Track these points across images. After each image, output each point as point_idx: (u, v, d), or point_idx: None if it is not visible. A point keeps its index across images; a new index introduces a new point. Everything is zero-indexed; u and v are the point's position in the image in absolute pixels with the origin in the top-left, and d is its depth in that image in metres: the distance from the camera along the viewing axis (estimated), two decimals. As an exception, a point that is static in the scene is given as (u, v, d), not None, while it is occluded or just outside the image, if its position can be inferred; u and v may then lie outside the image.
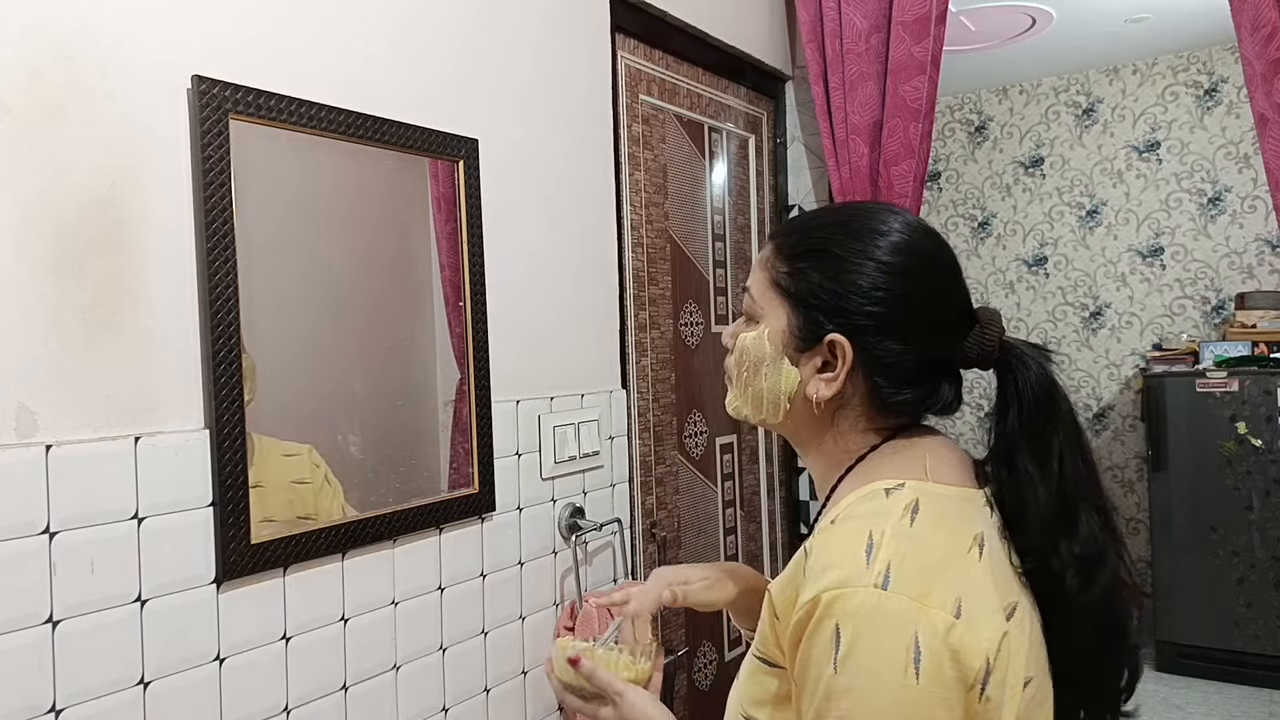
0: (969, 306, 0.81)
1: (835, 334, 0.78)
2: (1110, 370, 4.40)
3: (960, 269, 0.83)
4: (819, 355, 0.80)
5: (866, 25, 2.38)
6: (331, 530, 1.29)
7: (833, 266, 0.79)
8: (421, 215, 1.48)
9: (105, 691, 1.05)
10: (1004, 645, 0.68)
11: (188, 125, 1.15)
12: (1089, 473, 0.77)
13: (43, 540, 1.00)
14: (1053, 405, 0.77)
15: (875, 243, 0.79)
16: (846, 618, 0.66)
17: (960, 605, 0.67)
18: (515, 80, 1.67)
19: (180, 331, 1.14)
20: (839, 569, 0.68)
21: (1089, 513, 0.76)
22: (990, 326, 0.79)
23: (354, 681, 1.34)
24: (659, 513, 2.11)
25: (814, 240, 0.82)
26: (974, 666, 0.65)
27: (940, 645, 0.65)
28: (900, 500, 0.73)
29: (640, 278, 2.06)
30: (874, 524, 0.71)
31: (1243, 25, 1.86)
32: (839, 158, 2.46)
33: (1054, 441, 0.76)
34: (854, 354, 0.78)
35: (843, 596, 0.67)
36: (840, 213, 0.86)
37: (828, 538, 0.73)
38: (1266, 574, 3.47)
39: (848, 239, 0.80)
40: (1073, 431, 0.77)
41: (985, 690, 0.66)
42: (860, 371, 0.79)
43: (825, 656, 0.66)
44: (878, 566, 0.67)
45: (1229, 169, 4.11)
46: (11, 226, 1.00)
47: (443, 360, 1.50)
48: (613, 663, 0.96)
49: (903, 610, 0.66)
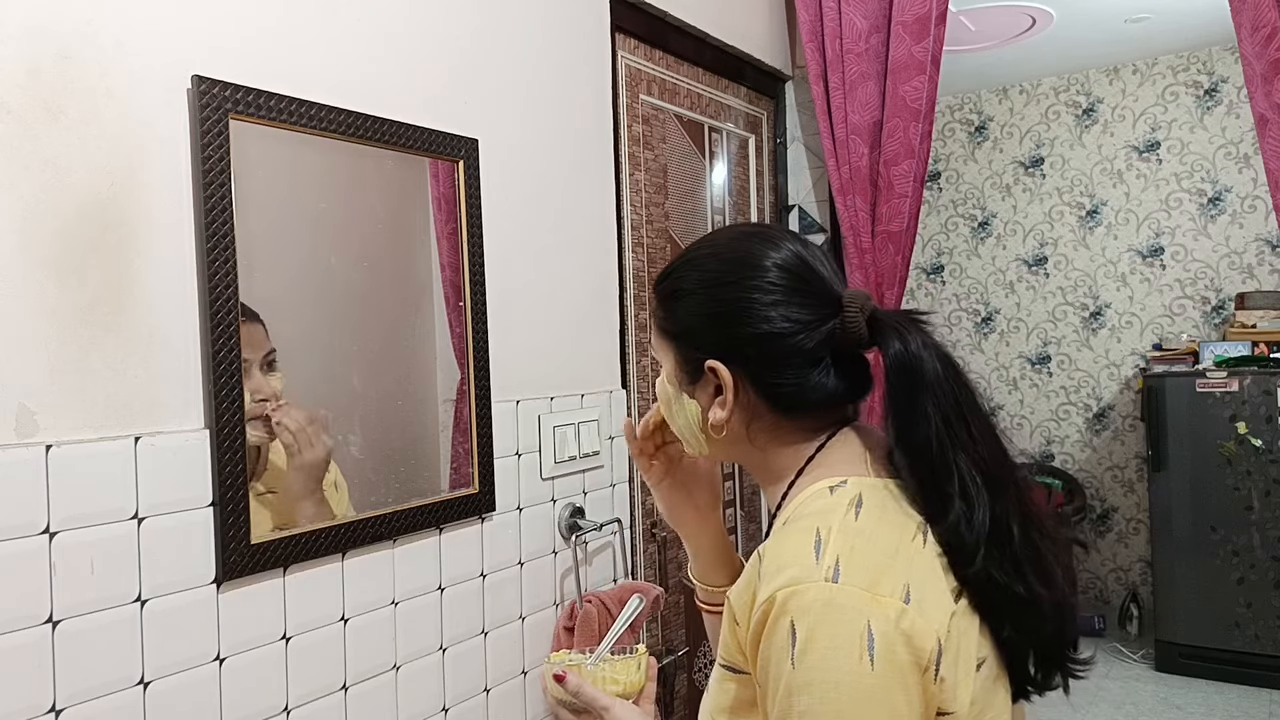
0: (832, 293, 0.81)
1: (711, 360, 0.81)
2: (1110, 370, 4.40)
3: (812, 261, 0.82)
4: (708, 383, 0.82)
5: (866, 25, 2.38)
6: (331, 530, 1.29)
7: (687, 300, 0.84)
8: (422, 215, 1.48)
9: (105, 691, 1.05)
10: (953, 625, 0.69)
11: (188, 125, 1.15)
12: (964, 431, 0.75)
13: (43, 540, 1.00)
14: (910, 375, 0.76)
15: (706, 266, 0.84)
16: (801, 613, 0.68)
17: (909, 590, 0.68)
18: (515, 80, 1.67)
19: (180, 331, 1.14)
20: (791, 568, 0.70)
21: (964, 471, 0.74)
22: (849, 309, 0.79)
23: (354, 681, 1.34)
24: (659, 513, 2.11)
25: (674, 280, 0.86)
26: (926, 648, 0.67)
27: (893, 630, 0.66)
28: (844, 496, 0.75)
29: (640, 277, 2.06)
30: (821, 521, 0.73)
31: (1243, 25, 1.86)
32: (839, 158, 2.46)
33: (915, 409, 0.75)
34: (733, 373, 0.80)
35: (796, 593, 0.68)
36: (697, 250, 0.88)
37: (779, 540, 0.74)
38: (1266, 574, 3.47)
39: (691, 271, 0.85)
40: (943, 394, 0.75)
41: (939, 671, 0.67)
42: (750, 388, 0.81)
43: (783, 654, 0.68)
44: (827, 561, 0.69)
45: (1229, 169, 4.11)
46: (11, 226, 1.00)
47: (443, 360, 1.50)
48: (600, 676, 0.97)
49: (854, 601, 0.67)
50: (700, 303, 0.83)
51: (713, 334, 0.82)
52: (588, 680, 0.95)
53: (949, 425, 0.75)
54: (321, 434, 1.29)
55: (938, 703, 0.68)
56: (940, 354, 0.77)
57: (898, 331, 0.77)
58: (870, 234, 2.46)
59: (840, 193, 2.47)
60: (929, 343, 0.77)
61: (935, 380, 0.76)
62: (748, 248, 0.83)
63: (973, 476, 0.74)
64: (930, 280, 4.80)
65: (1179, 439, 3.62)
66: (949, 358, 0.78)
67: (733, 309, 0.81)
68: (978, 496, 0.73)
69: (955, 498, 0.73)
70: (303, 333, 1.30)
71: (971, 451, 0.75)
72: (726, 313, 0.81)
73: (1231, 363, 3.64)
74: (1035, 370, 4.57)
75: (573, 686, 0.93)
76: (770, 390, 0.81)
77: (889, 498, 0.76)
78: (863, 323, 0.78)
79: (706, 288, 0.83)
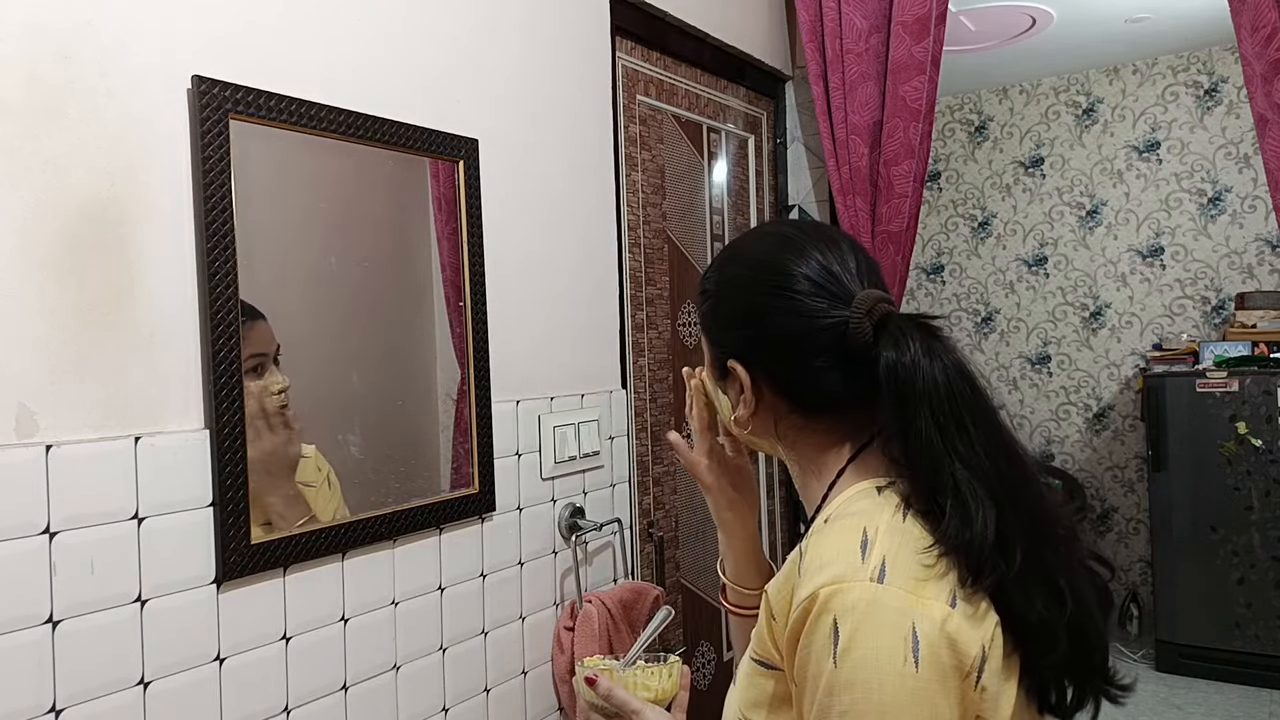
0: (849, 295, 0.79)
1: (731, 359, 0.84)
2: (1110, 370, 4.40)
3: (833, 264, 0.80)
4: (734, 381, 0.84)
5: (866, 25, 2.38)
6: (331, 530, 1.29)
7: (711, 300, 0.87)
8: (422, 215, 1.48)
9: (105, 691, 1.05)
10: (997, 635, 0.68)
11: (188, 125, 1.15)
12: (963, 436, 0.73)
13: (43, 540, 1.00)
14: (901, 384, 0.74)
15: (729, 269, 0.87)
16: (845, 612, 0.67)
17: (955, 596, 0.68)
18: (515, 80, 1.67)
19: (180, 331, 1.14)
20: (834, 565, 0.69)
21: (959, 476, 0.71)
22: (855, 313, 0.77)
23: (354, 681, 1.34)
24: (656, 512, 2.11)
25: (704, 279, 0.90)
26: (970, 654, 0.66)
27: (937, 633, 0.66)
28: (891, 497, 0.74)
29: (638, 278, 2.06)
30: (868, 520, 0.72)
31: (1243, 25, 1.86)
32: (839, 158, 2.46)
33: (909, 419, 0.73)
34: (751, 374, 0.82)
35: (840, 591, 0.67)
36: (727, 255, 0.90)
37: (822, 537, 0.74)
38: (1266, 574, 3.47)
39: (715, 272, 0.88)
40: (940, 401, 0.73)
41: (981, 679, 0.67)
42: (768, 387, 0.82)
43: (825, 651, 0.67)
44: (873, 561, 0.68)
45: (1229, 169, 4.11)
46: (12, 226, 1.00)
47: (443, 360, 1.50)
48: (633, 682, 0.97)
49: (899, 602, 0.66)
50: (721, 303, 0.86)
51: (731, 334, 0.85)
52: (619, 685, 0.95)
53: (945, 436, 0.72)
54: (282, 426, 1.26)
55: (977, 709, 0.67)
56: (951, 361, 0.75)
57: (895, 338, 0.75)
58: (870, 234, 2.46)
59: (840, 193, 2.48)
60: (935, 350, 0.75)
61: (930, 390, 0.73)
62: (769, 253, 0.83)
63: (973, 490, 0.71)
64: (930, 280, 4.80)
65: (1179, 439, 3.62)
66: (962, 366, 0.76)
67: (748, 311, 0.82)
68: (977, 511, 0.70)
69: (951, 511, 0.71)
70: (303, 333, 1.30)
71: (973, 465, 0.72)
72: (743, 315, 0.83)
73: (1231, 363, 3.64)
74: (1035, 370, 4.57)
75: (604, 690, 0.93)
76: (786, 390, 0.82)
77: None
78: (868, 325, 0.77)
79: (727, 289, 0.86)
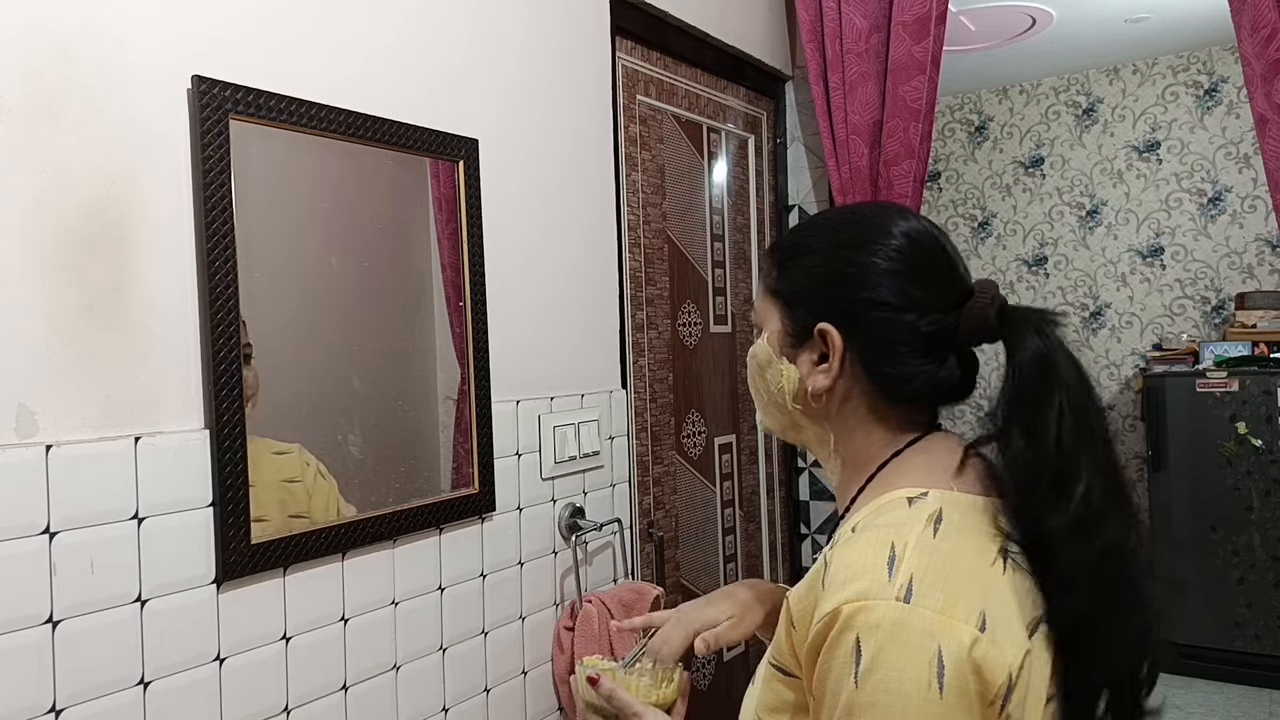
0: (965, 284, 0.79)
1: (823, 323, 0.79)
2: (1110, 370, 4.40)
3: (951, 250, 0.81)
4: (814, 349, 0.81)
5: (866, 25, 2.38)
6: (331, 530, 1.29)
7: (815, 260, 0.82)
8: (422, 215, 1.48)
9: (105, 691, 1.05)
10: (1027, 662, 0.66)
11: (188, 125, 1.15)
12: (1092, 439, 0.71)
13: (43, 540, 1.00)
14: (1048, 373, 0.72)
15: (833, 227, 0.84)
16: (868, 631, 0.65)
17: (985, 619, 0.65)
18: (515, 80, 1.67)
19: (180, 331, 1.14)
20: (860, 580, 0.67)
21: (1090, 480, 0.70)
22: (981, 296, 0.76)
23: (354, 681, 1.34)
24: (656, 512, 2.11)
25: (799, 241, 0.86)
26: (996, 682, 0.64)
27: (964, 659, 0.63)
28: (924, 510, 0.72)
29: (638, 278, 2.06)
30: (896, 535, 0.69)
31: (1243, 26, 1.86)
32: (839, 158, 2.46)
33: (1048, 411, 0.71)
34: (845, 341, 0.79)
35: (864, 609, 0.65)
36: (825, 214, 0.89)
37: (848, 548, 0.71)
38: (1266, 574, 3.47)
39: (830, 234, 0.83)
40: (1076, 397, 0.72)
41: (1006, 708, 0.64)
42: (857, 361, 0.79)
43: (846, 670, 0.65)
44: (900, 579, 0.66)
45: (1229, 169, 4.11)
46: (12, 226, 1.00)
47: (443, 360, 1.50)
48: (633, 684, 0.97)
49: (926, 624, 0.64)
50: (821, 262, 0.81)
51: (828, 295, 0.80)
52: (620, 686, 0.94)
53: (1079, 427, 0.71)
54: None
55: None
56: (1072, 356, 0.74)
57: (1035, 326, 0.73)
58: (870, 234, 2.45)
59: (840, 193, 2.47)
60: (1062, 343, 0.74)
61: (1071, 380, 0.72)
62: (881, 215, 0.81)
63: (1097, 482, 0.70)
64: (930, 280, 4.80)
65: (1179, 439, 3.62)
66: (1078, 361, 0.74)
67: (853, 271, 0.79)
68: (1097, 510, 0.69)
69: (1077, 502, 0.68)
70: (303, 332, 1.30)
71: (1098, 457, 0.71)
72: (845, 275, 0.79)
73: (1231, 363, 3.64)
74: (1035, 370, 4.56)
75: (605, 691, 0.92)
76: (875, 369, 0.78)
77: (972, 515, 0.72)
78: (992, 314, 0.75)
79: (830, 248, 0.81)
